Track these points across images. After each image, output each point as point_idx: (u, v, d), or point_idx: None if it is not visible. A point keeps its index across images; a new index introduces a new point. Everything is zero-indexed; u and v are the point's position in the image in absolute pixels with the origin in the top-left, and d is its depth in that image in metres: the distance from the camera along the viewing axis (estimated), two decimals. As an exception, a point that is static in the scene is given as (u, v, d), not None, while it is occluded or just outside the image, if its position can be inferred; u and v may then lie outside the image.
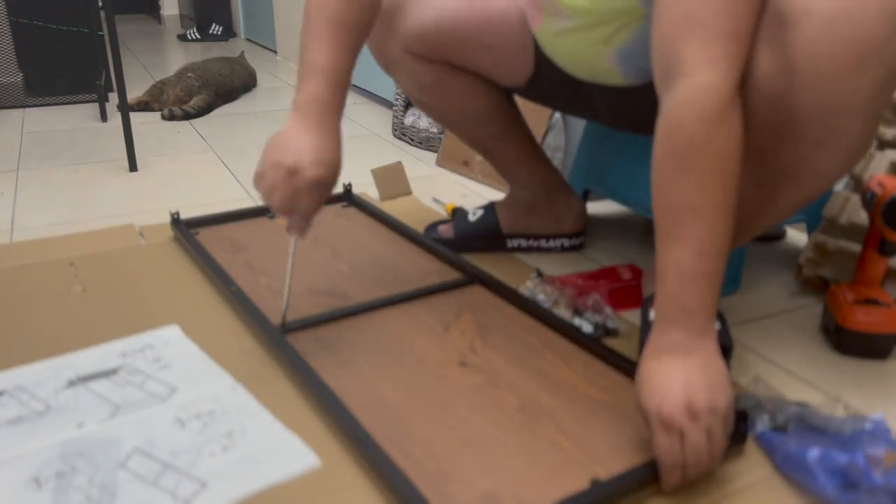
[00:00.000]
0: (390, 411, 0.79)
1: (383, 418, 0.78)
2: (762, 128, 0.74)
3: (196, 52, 3.77)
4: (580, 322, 0.96)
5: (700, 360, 0.67)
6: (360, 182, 1.56)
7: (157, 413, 0.79)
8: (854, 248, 1.02)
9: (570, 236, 1.24)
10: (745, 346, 0.96)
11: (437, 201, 1.51)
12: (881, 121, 0.75)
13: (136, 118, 2.22)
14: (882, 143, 1.04)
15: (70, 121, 2.25)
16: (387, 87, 2.46)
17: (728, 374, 0.69)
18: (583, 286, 1.06)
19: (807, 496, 0.68)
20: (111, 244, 1.26)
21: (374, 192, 1.52)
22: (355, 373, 0.86)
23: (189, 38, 4.23)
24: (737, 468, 0.72)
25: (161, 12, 5.24)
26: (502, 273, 1.12)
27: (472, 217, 1.25)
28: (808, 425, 0.74)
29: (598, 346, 0.89)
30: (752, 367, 0.91)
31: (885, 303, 0.92)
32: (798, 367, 0.91)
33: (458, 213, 1.28)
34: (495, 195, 1.55)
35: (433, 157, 1.79)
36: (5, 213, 1.47)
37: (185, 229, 1.25)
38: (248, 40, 4.24)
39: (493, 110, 1.14)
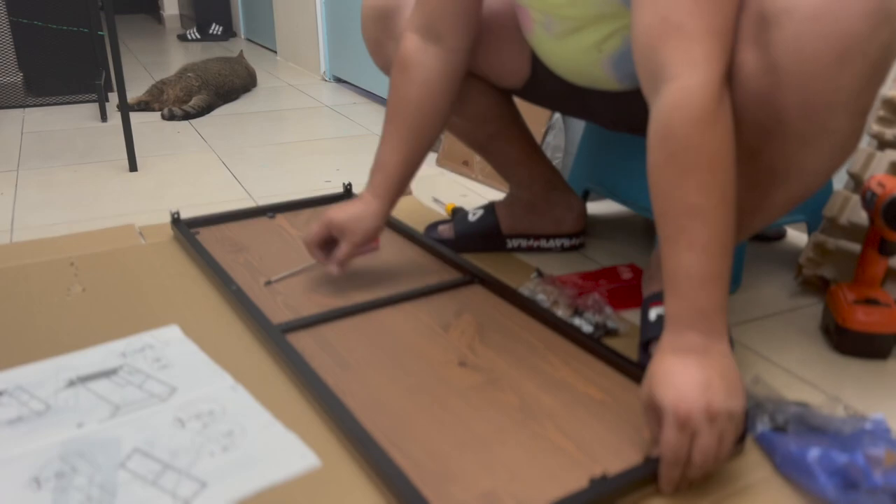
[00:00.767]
0: (390, 411, 0.79)
1: (383, 418, 0.78)
2: (749, 127, 0.74)
3: (196, 52, 3.77)
4: (580, 322, 0.96)
5: (719, 364, 0.67)
6: (359, 182, 1.56)
7: (157, 413, 0.79)
8: (854, 247, 1.02)
9: (570, 236, 1.24)
10: (745, 345, 0.96)
11: (437, 201, 1.51)
12: (868, 117, 0.75)
13: (136, 118, 2.22)
14: (882, 143, 1.04)
15: (70, 121, 2.25)
16: (386, 86, 2.46)
17: (742, 379, 0.69)
18: (583, 286, 1.06)
19: (807, 496, 0.68)
20: (111, 244, 1.26)
21: (374, 192, 1.52)
22: (355, 373, 0.86)
23: (189, 37, 4.23)
24: (737, 468, 0.72)
25: (161, 12, 5.24)
26: (502, 273, 1.12)
27: (471, 217, 1.25)
28: (808, 425, 0.74)
29: (597, 345, 0.89)
30: (752, 367, 0.91)
31: (886, 303, 0.92)
32: (798, 367, 0.91)
33: (457, 214, 1.28)
34: (495, 195, 1.55)
35: (433, 157, 1.79)
36: (5, 212, 1.47)
37: (186, 229, 1.25)
38: (249, 40, 4.24)
39: (492, 110, 1.14)
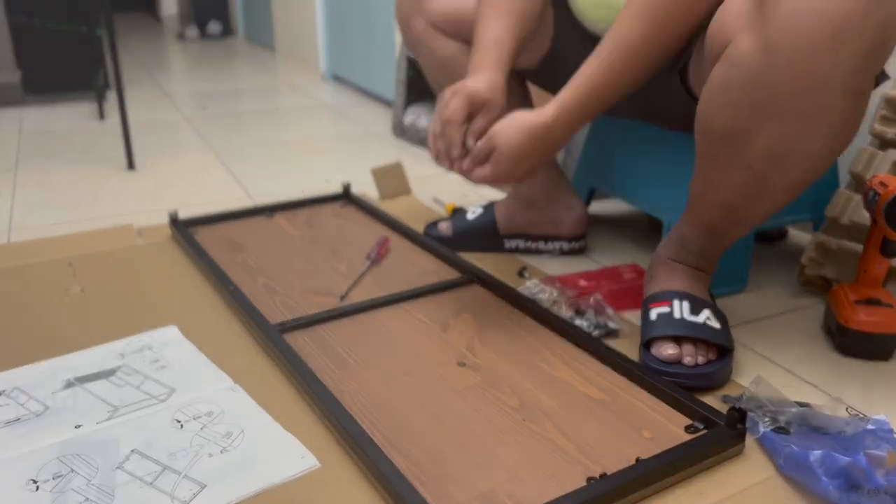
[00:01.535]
0: (389, 411, 0.79)
1: (381, 418, 0.77)
2: (745, 107, 0.75)
3: (195, 51, 3.77)
4: (581, 322, 0.96)
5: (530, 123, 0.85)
6: (359, 181, 1.55)
7: (155, 414, 0.79)
8: (856, 247, 1.02)
9: (569, 239, 1.23)
10: (747, 346, 0.96)
11: (437, 201, 1.51)
12: (866, 103, 0.75)
13: (133, 117, 2.21)
14: (884, 143, 1.04)
15: (68, 120, 2.25)
16: (387, 86, 2.45)
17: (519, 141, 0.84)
18: (584, 286, 1.06)
19: (809, 497, 0.68)
20: (109, 244, 1.25)
21: (373, 192, 1.51)
22: (354, 373, 0.86)
23: (187, 36, 4.23)
24: (739, 469, 0.71)
25: (160, 10, 5.23)
26: (502, 273, 1.12)
27: (470, 215, 1.25)
28: (811, 426, 0.73)
29: (597, 346, 0.89)
30: (754, 368, 0.91)
31: (888, 303, 0.92)
32: (800, 368, 0.91)
33: (457, 212, 1.28)
34: (495, 195, 1.55)
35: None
36: (3, 212, 1.46)
37: (184, 229, 1.25)
38: (247, 39, 4.24)
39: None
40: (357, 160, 1.81)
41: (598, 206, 1.46)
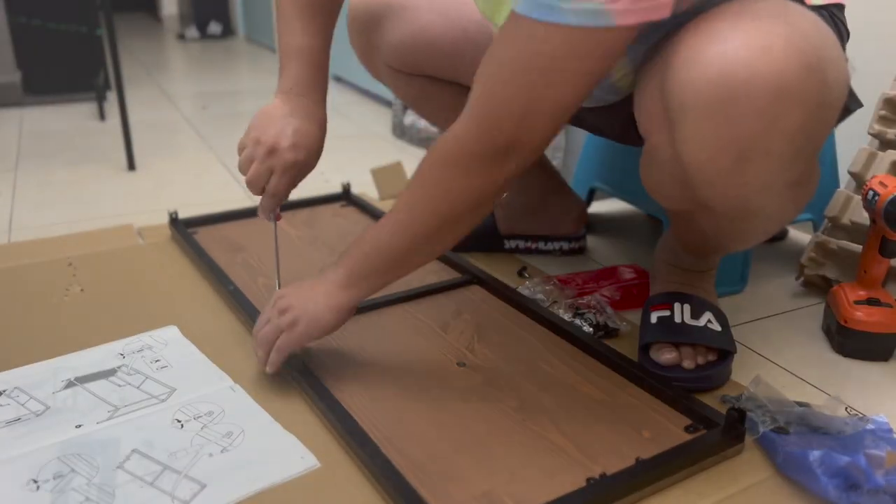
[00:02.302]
0: (388, 411, 0.79)
1: (382, 418, 0.77)
2: (680, 201, 0.74)
3: (195, 51, 3.77)
4: (580, 322, 0.96)
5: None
6: (359, 182, 1.55)
7: (155, 414, 0.79)
8: (856, 248, 1.02)
9: (568, 239, 1.23)
10: (747, 346, 0.96)
11: (436, 201, 1.50)
12: (808, 176, 0.70)
13: (134, 117, 2.21)
14: (883, 143, 1.04)
15: (68, 120, 2.25)
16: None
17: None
18: (584, 286, 1.06)
19: (808, 497, 0.68)
20: (109, 244, 1.25)
21: (373, 192, 1.52)
22: (354, 373, 0.86)
23: (188, 36, 4.23)
24: (738, 469, 0.71)
25: (160, 11, 5.23)
26: (502, 273, 1.12)
27: (471, 216, 1.24)
28: (810, 426, 0.73)
29: (597, 346, 0.89)
30: (754, 368, 0.91)
31: (887, 303, 0.92)
32: (799, 368, 0.91)
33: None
34: (495, 195, 1.54)
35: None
36: (3, 212, 1.46)
37: (184, 229, 1.25)
38: (248, 39, 4.24)
39: None
40: (357, 160, 1.81)
41: (598, 206, 1.46)
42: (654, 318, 0.88)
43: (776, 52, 0.56)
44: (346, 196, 1.45)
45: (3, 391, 0.83)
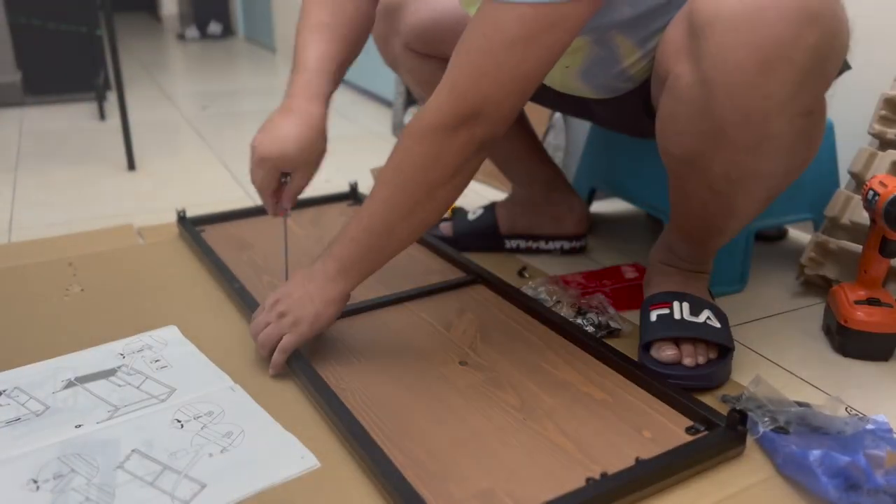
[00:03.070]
0: (390, 410, 0.79)
1: (383, 417, 0.77)
2: (693, 136, 0.75)
3: (195, 51, 3.77)
4: (583, 322, 0.96)
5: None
6: (359, 182, 1.55)
7: (155, 414, 0.79)
8: (856, 248, 1.02)
9: (570, 238, 1.23)
10: (747, 346, 0.96)
11: (436, 201, 1.50)
12: (820, 118, 0.76)
13: (134, 117, 2.21)
14: (884, 143, 1.04)
15: (68, 120, 2.25)
16: (386, 85, 2.45)
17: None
18: (586, 286, 1.06)
19: (808, 497, 0.68)
20: (110, 244, 1.25)
21: (373, 192, 1.51)
22: (355, 371, 0.86)
23: (188, 36, 4.23)
24: (738, 469, 0.71)
25: (160, 11, 5.23)
26: (502, 272, 1.12)
27: (471, 216, 1.25)
28: (810, 426, 0.73)
29: (599, 345, 0.89)
30: (754, 368, 0.91)
31: (887, 303, 0.92)
32: (799, 368, 0.91)
33: (458, 213, 1.28)
34: (495, 195, 1.55)
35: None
36: (4, 212, 1.46)
37: (192, 227, 1.25)
38: (248, 39, 4.24)
39: None
40: (357, 160, 1.81)
41: (599, 206, 1.46)
42: (653, 316, 0.89)
43: None
44: (353, 195, 1.45)
45: (3, 391, 0.83)
